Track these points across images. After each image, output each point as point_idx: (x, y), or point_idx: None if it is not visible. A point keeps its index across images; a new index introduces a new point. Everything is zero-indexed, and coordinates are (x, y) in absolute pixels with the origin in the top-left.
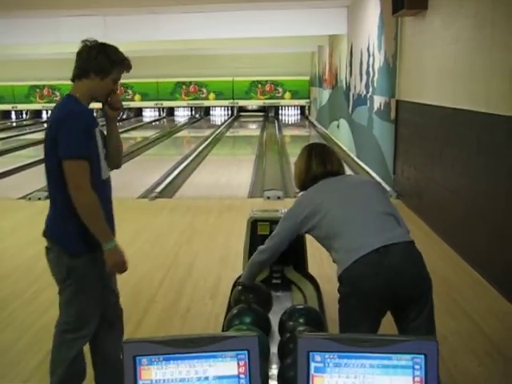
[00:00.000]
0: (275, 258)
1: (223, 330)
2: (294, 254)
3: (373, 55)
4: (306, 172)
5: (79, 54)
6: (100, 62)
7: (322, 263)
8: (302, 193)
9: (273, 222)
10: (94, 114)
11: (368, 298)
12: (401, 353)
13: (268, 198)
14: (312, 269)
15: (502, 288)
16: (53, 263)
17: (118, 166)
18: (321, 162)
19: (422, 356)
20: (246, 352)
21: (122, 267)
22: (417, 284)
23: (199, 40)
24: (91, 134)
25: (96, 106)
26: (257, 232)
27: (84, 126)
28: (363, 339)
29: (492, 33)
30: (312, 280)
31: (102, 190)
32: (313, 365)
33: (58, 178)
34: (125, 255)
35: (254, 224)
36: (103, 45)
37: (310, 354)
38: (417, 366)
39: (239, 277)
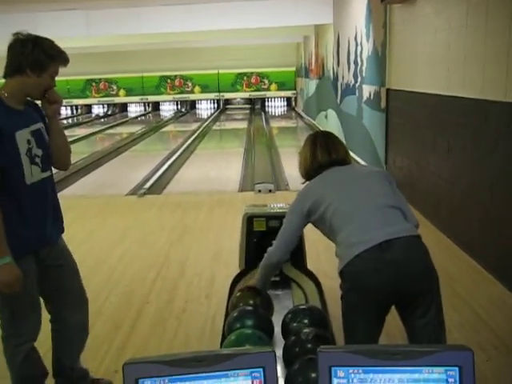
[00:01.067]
0: (288, 255)
1: (223, 334)
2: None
3: (361, 44)
4: (310, 161)
5: (11, 48)
6: (36, 57)
7: (318, 258)
8: (306, 183)
9: (269, 218)
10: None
11: (369, 294)
12: (433, 365)
13: (259, 191)
14: (309, 264)
15: (501, 276)
16: None
17: (65, 167)
18: (326, 151)
19: (457, 368)
20: (261, 370)
21: (7, 288)
22: (420, 280)
23: (183, 33)
24: (5, 139)
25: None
26: (253, 228)
27: None
28: (390, 351)
29: (486, 18)
30: (312, 276)
31: (28, 195)
32: (335, 381)
33: None
34: (17, 276)
35: (249, 220)
36: (38, 38)
37: (333, 369)
38: (451, 380)
39: (235, 279)
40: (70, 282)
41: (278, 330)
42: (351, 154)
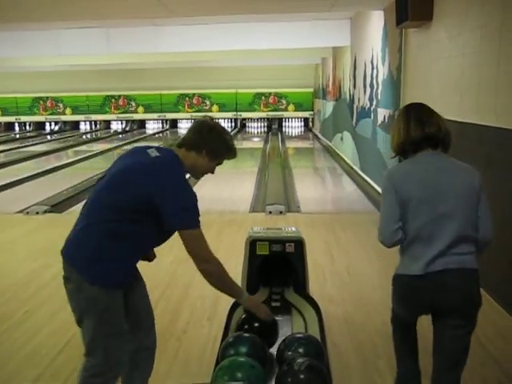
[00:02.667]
0: (400, 234)
1: (217, 360)
2: (294, 275)
3: (376, 67)
4: (404, 135)
5: (199, 127)
6: (218, 145)
7: (325, 283)
8: (395, 167)
9: (272, 242)
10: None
11: (413, 305)
12: None
13: (270, 212)
14: (314, 289)
15: (509, 306)
16: (72, 295)
17: None
18: (419, 124)
19: None
20: None
21: (261, 309)
22: (463, 307)
23: (202, 52)
24: None
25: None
26: (256, 252)
27: (197, 200)
28: None
29: (500, 44)
30: (313, 303)
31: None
32: None
33: (127, 217)
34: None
35: (252, 244)
36: (223, 129)
37: None
38: None
39: (234, 303)
40: (143, 298)
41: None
42: (365, 176)
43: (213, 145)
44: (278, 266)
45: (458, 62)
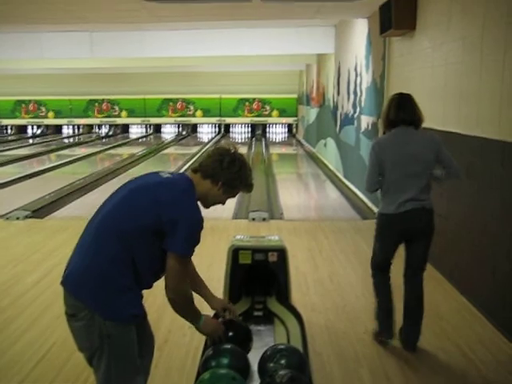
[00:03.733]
0: (376, 186)
1: (198, 372)
2: (277, 284)
3: (360, 75)
4: (386, 116)
5: (220, 156)
6: (236, 179)
7: (308, 291)
8: (381, 137)
9: (255, 251)
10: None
11: (390, 232)
12: None
13: (253, 219)
14: (297, 297)
15: (493, 317)
16: (81, 333)
17: None
18: (396, 110)
19: None
20: None
21: (218, 333)
22: (422, 234)
23: (186, 57)
24: None
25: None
26: (238, 261)
27: (201, 228)
28: None
29: (481, 55)
30: (295, 313)
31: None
32: None
33: (136, 242)
34: (215, 322)
35: (235, 253)
36: (244, 163)
37: None
38: None
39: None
40: (149, 327)
41: (256, 368)
42: (348, 183)
43: (231, 179)
44: (260, 275)
45: (441, 71)
